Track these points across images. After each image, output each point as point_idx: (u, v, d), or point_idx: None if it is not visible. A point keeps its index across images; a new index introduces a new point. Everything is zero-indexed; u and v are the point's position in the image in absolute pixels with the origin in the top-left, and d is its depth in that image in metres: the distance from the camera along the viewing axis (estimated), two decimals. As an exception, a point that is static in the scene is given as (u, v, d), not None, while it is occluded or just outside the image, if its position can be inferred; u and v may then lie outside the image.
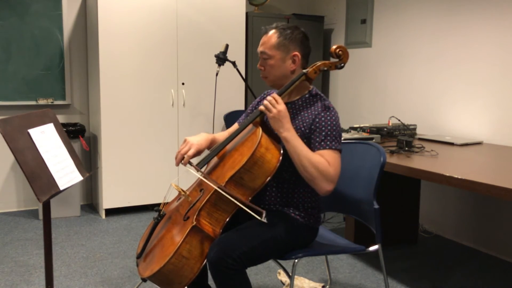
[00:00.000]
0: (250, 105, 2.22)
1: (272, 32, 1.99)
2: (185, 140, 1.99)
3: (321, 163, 1.81)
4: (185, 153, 1.95)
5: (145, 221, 3.94)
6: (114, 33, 3.88)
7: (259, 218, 1.73)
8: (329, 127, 1.89)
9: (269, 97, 1.89)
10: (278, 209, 1.99)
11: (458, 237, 3.60)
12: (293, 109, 2.01)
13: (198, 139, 2.00)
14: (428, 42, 3.82)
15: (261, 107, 1.90)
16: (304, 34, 2.01)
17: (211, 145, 2.09)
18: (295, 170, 1.97)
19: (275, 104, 1.86)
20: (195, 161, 2.00)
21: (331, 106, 1.95)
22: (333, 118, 1.91)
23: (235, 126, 2.22)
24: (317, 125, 1.89)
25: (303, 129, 1.94)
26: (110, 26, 3.85)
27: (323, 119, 1.90)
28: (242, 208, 1.78)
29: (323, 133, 1.88)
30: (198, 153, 1.98)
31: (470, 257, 3.30)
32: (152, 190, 4.14)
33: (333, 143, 1.87)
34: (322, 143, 1.86)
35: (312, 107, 1.96)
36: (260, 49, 2.00)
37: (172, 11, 4.06)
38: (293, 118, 1.98)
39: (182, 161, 1.94)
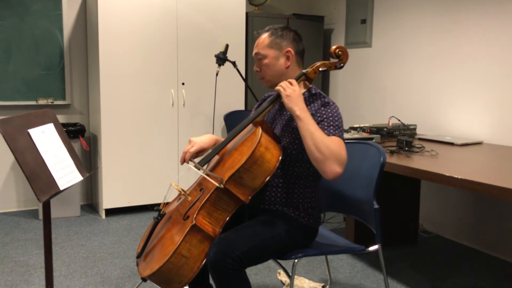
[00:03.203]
0: (253, 109, 2.23)
1: (264, 34, 2.04)
2: (190, 140, 2.07)
3: (333, 144, 1.80)
4: (187, 150, 2.02)
5: (145, 221, 3.94)
6: (114, 33, 3.88)
7: (217, 184, 1.79)
8: (330, 118, 1.89)
9: (283, 82, 1.90)
10: (278, 209, 1.99)
11: (458, 237, 3.60)
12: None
13: (201, 139, 2.07)
14: (428, 42, 3.82)
15: (277, 87, 1.91)
16: (296, 32, 2.05)
17: (214, 145, 2.11)
18: (295, 170, 1.98)
19: (289, 86, 1.87)
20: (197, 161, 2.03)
21: (330, 102, 1.95)
22: (334, 111, 1.92)
23: None
24: (319, 119, 1.89)
25: None
26: (110, 26, 3.86)
27: (324, 113, 1.91)
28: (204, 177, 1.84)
29: (326, 124, 1.88)
30: (201, 151, 2.04)
31: (470, 257, 3.30)
32: (152, 190, 4.14)
33: (337, 131, 1.87)
34: (326, 131, 1.86)
35: (311, 105, 1.96)
36: (254, 51, 2.05)
37: (172, 11, 4.06)
38: (291, 118, 1.99)
39: (185, 157, 2.02)
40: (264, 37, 2.02)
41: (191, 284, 1.99)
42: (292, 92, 1.85)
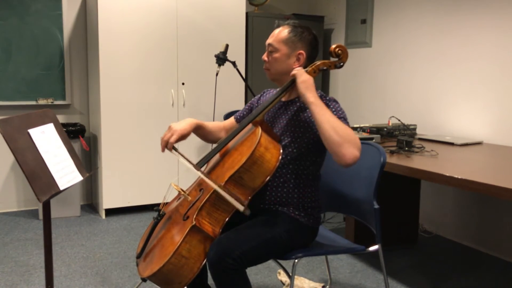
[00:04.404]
0: (249, 102, 2.23)
1: (284, 27, 2.02)
2: (169, 127, 2.00)
3: (349, 129, 1.80)
4: (168, 139, 1.96)
5: (145, 221, 3.94)
6: (114, 33, 3.88)
7: (240, 210, 1.75)
8: (335, 112, 1.91)
9: (299, 69, 1.90)
10: (278, 209, 1.99)
11: (458, 237, 3.60)
12: (292, 108, 2.01)
13: (182, 125, 2.01)
14: (428, 42, 3.82)
15: (293, 72, 1.90)
16: (314, 37, 2.03)
17: (196, 130, 2.09)
18: (295, 170, 1.97)
19: (304, 73, 1.88)
20: (185, 150, 2.01)
21: (332, 99, 1.96)
22: (337, 106, 1.94)
23: (231, 120, 2.24)
24: None
25: (302, 129, 1.95)
26: (110, 26, 3.86)
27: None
28: (223, 196, 1.78)
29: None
30: (181, 138, 1.99)
31: (470, 257, 3.30)
32: (152, 190, 4.14)
33: (345, 122, 1.88)
34: None
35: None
36: (268, 41, 2.03)
37: (172, 11, 4.06)
38: (291, 117, 1.99)
39: (167, 147, 1.96)
40: (283, 30, 2.01)
41: (190, 284, 1.98)
42: (307, 79, 1.85)
